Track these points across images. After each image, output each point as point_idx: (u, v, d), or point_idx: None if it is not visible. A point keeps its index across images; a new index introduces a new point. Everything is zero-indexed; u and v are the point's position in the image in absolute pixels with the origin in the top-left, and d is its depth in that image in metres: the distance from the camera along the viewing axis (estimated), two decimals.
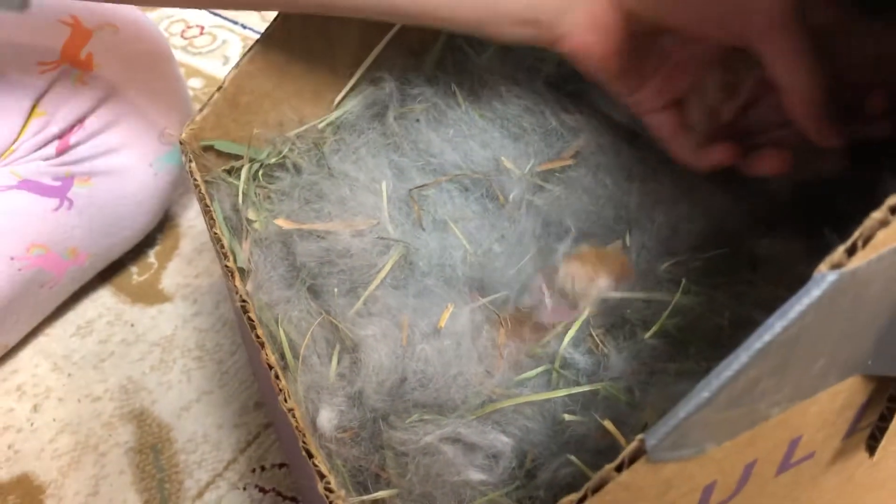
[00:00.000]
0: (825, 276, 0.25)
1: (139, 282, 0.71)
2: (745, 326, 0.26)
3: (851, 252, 0.25)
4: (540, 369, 0.44)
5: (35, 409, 0.64)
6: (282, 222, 0.48)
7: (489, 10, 0.45)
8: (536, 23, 0.44)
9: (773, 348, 0.25)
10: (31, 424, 0.63)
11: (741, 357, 0.25)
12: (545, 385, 0.43)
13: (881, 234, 0.24)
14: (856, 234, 0.25)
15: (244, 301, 0.42)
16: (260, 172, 0.53)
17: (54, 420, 0.63)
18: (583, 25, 0.44)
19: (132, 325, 0.68)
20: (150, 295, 0.70)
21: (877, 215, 0.24)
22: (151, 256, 0.73)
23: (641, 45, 0.45)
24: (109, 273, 0.71)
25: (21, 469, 0.60)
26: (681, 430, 0.26)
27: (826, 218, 0.35)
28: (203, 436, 0.61)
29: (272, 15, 0.51)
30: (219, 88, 0.51)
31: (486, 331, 0.45)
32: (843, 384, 0.31)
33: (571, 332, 0.44)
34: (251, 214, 0.50)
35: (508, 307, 0.48)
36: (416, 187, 0.50)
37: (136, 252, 0.72)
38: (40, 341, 0.68)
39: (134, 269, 0.72)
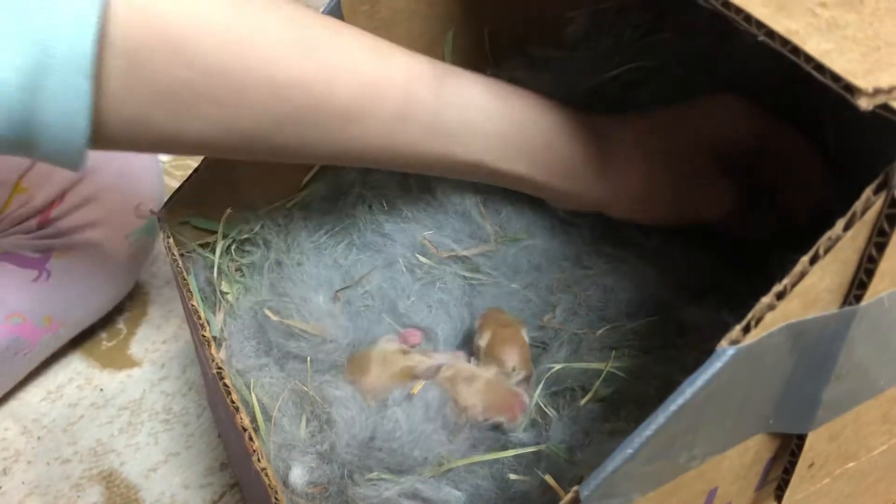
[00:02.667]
0: (725, 351, 0.29)
1: (108, 347, 0.74)
2: (671, 389, 0.30)
3: (746, 330, 0.30)
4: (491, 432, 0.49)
5: (4, 472, 0.66)
6: (269, 313, 0.52)
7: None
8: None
9: (686, 410, 0.30)
10: (0, 488, 0.65)
11: (659, 418, 0.30)
12: (495, 443, 0.48)
13: (769, 316, 0.29)
14: (749, 315, 0.30)
15: (220, 368, 0.45)
16: (233, 247, 0.57)
17: (23, 483, 0.65)
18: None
19: (101, 390, 0.71)
20: (119, 360, 0.73)
21: (765, 300, 0.29)
22: (120, 323, 0.76)
23: None
24: (80, 339, 0.73)
25: None
26: (610, 482, 0.30)
27: (727, 299, 0.40)
28: (170, 496, 0.63)
29: None
30: (196, 170, 0.55)
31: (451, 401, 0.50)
32: (751, 441, 0.35)
33: (530, 405, 0.49)
34: (224, 287, 0.54)
35: None
36: (341, 289, 0.57)
37: (106, 319, 0.75)
38: (10, 405, 0.70)
39: (104, 334, 0.75)
